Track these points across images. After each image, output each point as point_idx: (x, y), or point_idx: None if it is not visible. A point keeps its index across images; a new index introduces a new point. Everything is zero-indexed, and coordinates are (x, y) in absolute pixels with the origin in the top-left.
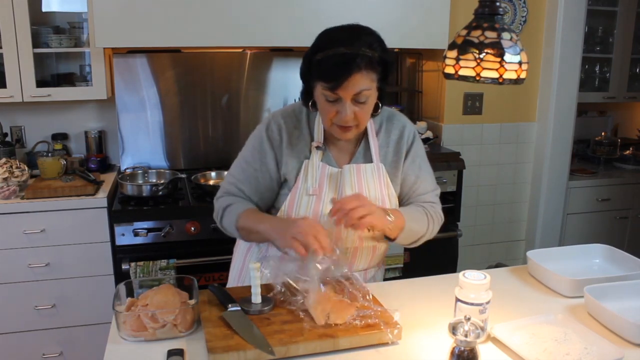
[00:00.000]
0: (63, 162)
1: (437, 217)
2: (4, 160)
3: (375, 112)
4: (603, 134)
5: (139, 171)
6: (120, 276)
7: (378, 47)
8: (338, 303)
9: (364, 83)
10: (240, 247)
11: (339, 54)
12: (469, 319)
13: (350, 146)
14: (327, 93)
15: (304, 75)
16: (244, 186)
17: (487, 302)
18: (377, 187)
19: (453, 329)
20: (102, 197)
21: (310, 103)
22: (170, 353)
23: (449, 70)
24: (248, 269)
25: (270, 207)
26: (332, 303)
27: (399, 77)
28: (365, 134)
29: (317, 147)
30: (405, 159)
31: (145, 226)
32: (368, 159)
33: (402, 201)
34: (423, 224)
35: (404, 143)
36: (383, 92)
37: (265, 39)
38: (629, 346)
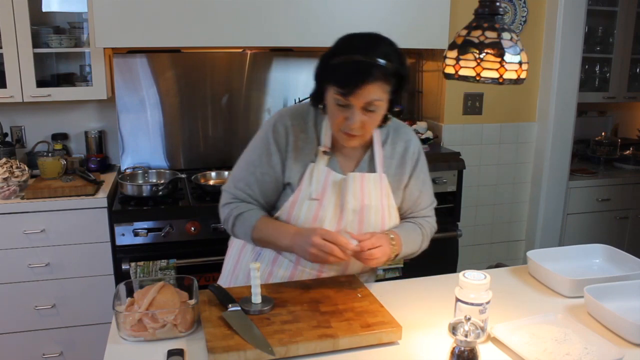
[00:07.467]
0: (63, 162)
1: (431, 232)
2: (4, 160)
3: (383, 123)
4: (603, 134)
5: (139, 171)
6: (120, 276)
7: (395, 59)
8: None
9: (377, 94)
10: (234, 244)
11: (355, 61)
12: (469, 319)
13: (357, 153)
14: (338, 98)
15: (318, 77)
16: (251, 190)
17: (487, 302)
18: (378, 197)
19: (453, 329)
20: (102, 197)
21: (320, 106)
22: (170, 353)
23: (449, 70)
24: (241, 266)
25: (273, 207)
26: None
27: None
28: (372, 143)
29: (325, 152)
30: (412, 176)
31: (145, 226)
32: (372, 168)
33: (404, 214)
34: (416, 245)
35: (408, 158)
36: (393, 104)
37: (265, 39)
38: (629, 346)
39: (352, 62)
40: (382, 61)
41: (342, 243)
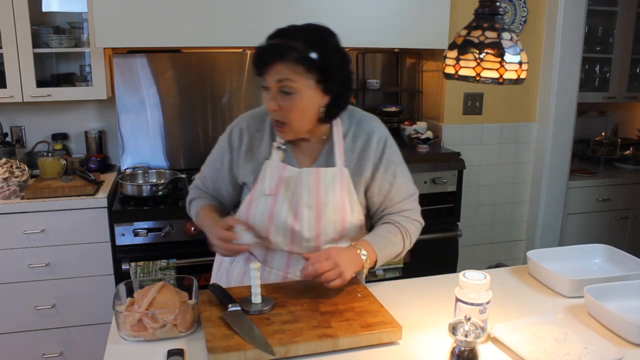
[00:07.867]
0: (63, 162)
1: (415, 227)
2: (4, 160)
3: (326, 116)
4: (603, 134)
5: (139, 171)
6: (120, 276)
7: (317, 45)
8: None
9: (286, 73)
10: None
11: (270, 44)
12: (469, 319)
13: (314, 148)
14: (261, 80)
15: None
16: (206, 182)
17: (487, 302)
18: (338, 192)
19: (453, 329)
20: (102, 197)
21: None
22: (170, 353)
23: (449, 70)
24: (224, 268)
25: (237, 202)
26: None
27: (399, 77)
28: (331, 136)
29: (279, 148)
30: (378, 169)
31: (145, 226)
32: (331, 162)
33: (379, 210)
34: (398, 247)
35: (371, 151)
36: (338, 100)
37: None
38: (629, 346)
39: (268, 45)
40: (297, 44)
41: (232, 248)
